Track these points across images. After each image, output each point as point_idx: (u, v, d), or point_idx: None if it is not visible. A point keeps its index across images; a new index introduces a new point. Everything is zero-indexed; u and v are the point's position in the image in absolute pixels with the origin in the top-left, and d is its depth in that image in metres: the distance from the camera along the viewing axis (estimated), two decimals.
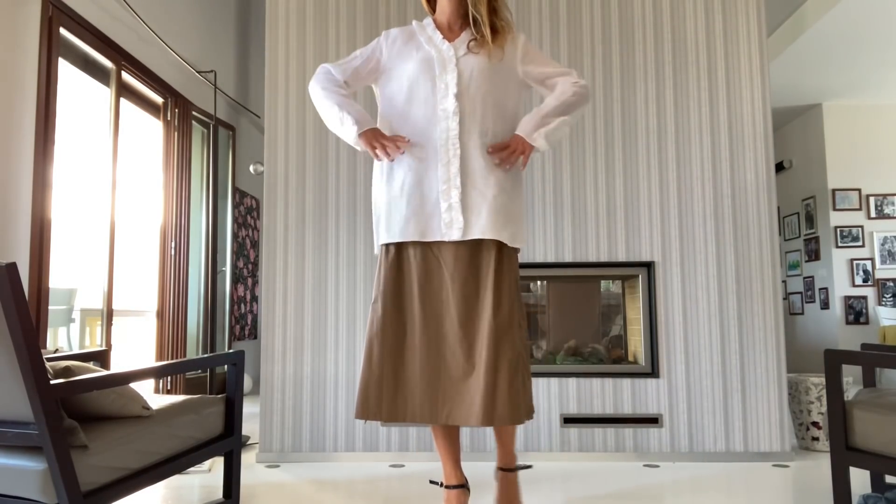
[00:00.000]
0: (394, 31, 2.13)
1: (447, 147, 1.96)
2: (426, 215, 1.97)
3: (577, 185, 3.20)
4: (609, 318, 3.49)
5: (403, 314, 1.99)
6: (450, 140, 1.96)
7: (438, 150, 1.97)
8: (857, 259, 6.78)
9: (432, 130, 1.99)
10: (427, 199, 1.97)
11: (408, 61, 2.04)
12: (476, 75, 1.99)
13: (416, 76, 2.01)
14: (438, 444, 2.07)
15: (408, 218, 1.97)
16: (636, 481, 2.69)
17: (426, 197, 1.97)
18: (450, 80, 1.99)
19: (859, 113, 6.87)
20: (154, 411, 1.94)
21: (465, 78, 1.99)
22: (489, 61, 2.00)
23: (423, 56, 2.03)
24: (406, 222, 1.97)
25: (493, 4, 2.03)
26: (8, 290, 1.47)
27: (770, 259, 3.13)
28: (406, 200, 1.98)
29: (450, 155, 1.96)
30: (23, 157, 3.10)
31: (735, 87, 3.23)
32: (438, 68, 2.00)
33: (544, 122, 2.01)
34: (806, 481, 2.68)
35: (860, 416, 1.97)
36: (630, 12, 3.28)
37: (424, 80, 2.00)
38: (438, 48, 2.03)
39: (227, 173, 5.67)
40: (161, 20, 4.49)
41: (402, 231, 1.98)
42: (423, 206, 1.97)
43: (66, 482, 1.52)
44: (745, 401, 3.06)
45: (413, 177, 1.98)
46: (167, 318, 4.53)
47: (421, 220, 1.97)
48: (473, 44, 2.01)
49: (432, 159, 1.98)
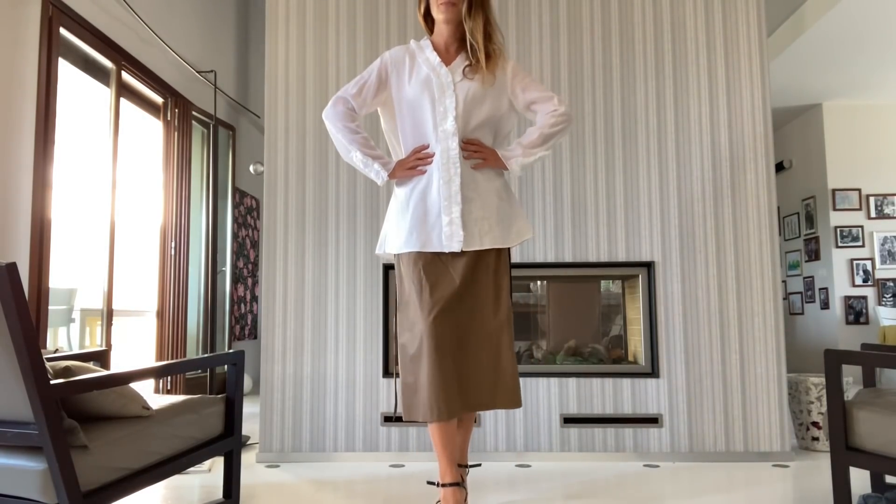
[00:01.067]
0: (394, 53, 2.24)
1: (448, 166, 2.11)
2: (428, 228, 2.11)
3: (577, 184, 3.20)
4: (609, 318, 3.49)
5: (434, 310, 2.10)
6: (451, 160, 2.11)
7: (440, 168, 2.11)
8: (857, 259, 6.77)
9: (433, 150, 2.14)
10: (430, 212, 2.11)
11: (409, 83, 2.17)
12: (471, 99, 2.14)
13: (417, 98, 2.15)
14: (437, 442, 2.09)
15: (410, 230, 2.11)
16: (636, 481, 2.69)
17: (429, 211, 2.11)
18: (448, 104, 2.12)
19: (859, 113, 6.87)
20: (154, 411, 1.94)
21: (462, 102, 2.13)
22: (482, 87, 2.15)
23: (423, 79, 2.15)
24: (409, 234, 2.11)
25: (488, 30, 2.16)
26: (8, 290, 1.47)
27: (770, 259, 3.13)
28: (411, 213, 2.13)
29: (451, 173, 2.11)
30: (23, 157, 3.10)
31: (735, 87, 3.23)
32: (438, 92, 2.14)
33: (525, 153, 2.18)
34: (806, 481, 2.68)
35: (860, 416, 1.97)
36: (630, 12, 3.28)
37: (425, 101, 2.14)
38: (437, 72, 2.16)
39: (227, 173, 5.67)
40: (161, 20, 4.49)
41: (406, 242, 2.12)
42: (425, 220, 2.11)
43: (66, 482, 1.53)
44: (745, 401, 3.06)
45: (418, 193, 2.13)
46: (167, 318, 4.53)
47: (423, 232, 2.10)
48: (468, 69, 2.15)
49: (434, 176, 2.12)
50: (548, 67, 3.26)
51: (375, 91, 2.21)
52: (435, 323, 2.02)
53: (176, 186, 4.66)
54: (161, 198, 4.59)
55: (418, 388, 2.02)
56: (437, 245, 2.09)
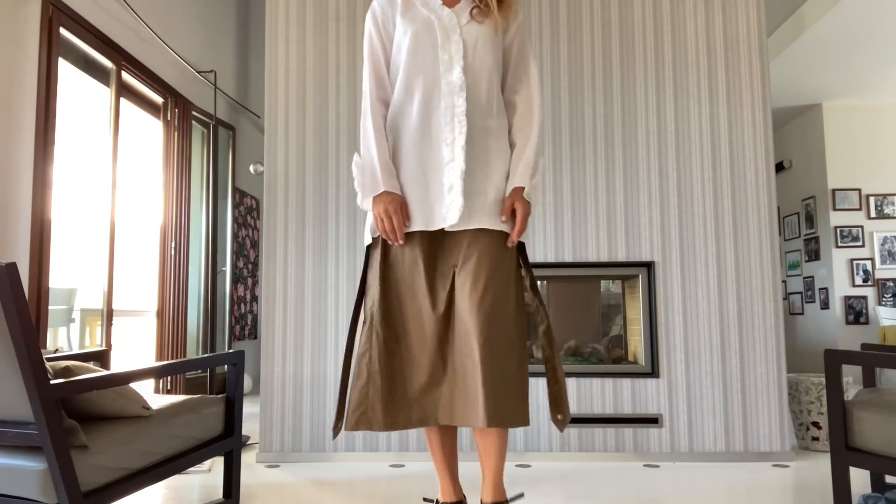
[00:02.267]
0: (381, 2, 1.89)
1: (452, 125, 1.75)
2: (430, 201, 1.76)
3: (577, 184, 3.20)
4: (609, 318, 3.49)
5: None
6: (456, 117, 1.74)
7: (443, 129, 1.76)
8: (857, 259, 6.77)
9: (434, 107, 1.77)
10: (432, 183, 1.76)
11: (406, 30, 1.81)
12: (480, 47, 1.79)
13: (415, 45, 1.79)
14: (436, 457, 1.87)
15: (413, 207, 1.76)
16: (636, 481, 2.69)
17: (430, 182, 1.76)
18: (454, 50, 1.77)
19: (859, 113, 6.87)
20: (154, 411, 1.94)
21: (470, 49, 1.78)
22: (495, 32, 1.81)
23: (422, 22, 1.80)
24: (412, 212, 1.76)
25: None
26: (8, 290, 1.47)
27: (770, 259, 3.14)
28: (408, 188, 1.77)
29: (455, 133, 1.74)
30: (23, 157, 3.10)
31: (735, 87, 3.23)
32: (441, 36, 1.78)
33: (533, 179, 1.82)
34: (806, 481, 2.68)
35: (860, 416, 1.97)
36: (630, 12, 3.28)
37: (425, 49, 1.78)
38: (438, 14, 1.80)
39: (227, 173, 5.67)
40: (161, 20, 4.49)
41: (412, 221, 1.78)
42: (427, 192, 1.76)
43: (66, 482, 1.52)
44: (745, 401, 3.06)
45: (414, 161, 1.78)
46: (167, 318, 4.53)
47: (426, 207, 1.76)
48: (477, 11, 1.80)
49: (435, 139, 1.77)
50: (548, 68, 3.26)
51: (389, 57, 1.87)
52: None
53: (176, 186, 4.66)
54: (161, 198, 4.59)
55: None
56: (440, 220, 1.77)
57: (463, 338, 1.69)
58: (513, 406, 1.65)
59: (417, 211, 1.76)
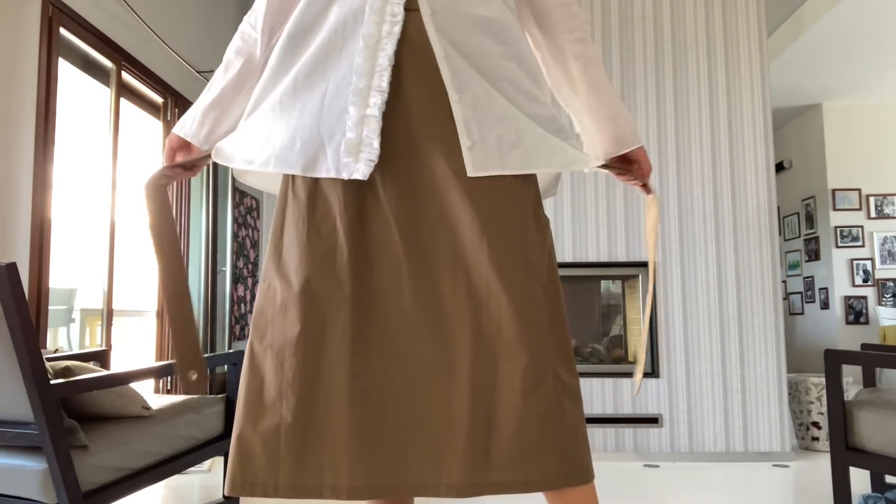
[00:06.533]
0: None
1: (382, 14, 1.00)
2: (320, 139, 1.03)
3: (577, 185, 3.20)
4: (609, 318, 3.49)
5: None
6: (389, 3, 0.99)
7: (357, 26, 1.01)
8: (857, 259, 6.77)
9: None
10: (329, 109, 1.02)
11: None
12: None
13: None
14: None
15: (289, 144, 1.08)
16: (636, 481, 2.69)
17: (327, 106, 1.02)
18: None
19: (859, 113, 6.87)
20: (154, 411, 1.94)
21: None
22: None
23: None
24: (286, 150, 1.09)
25: None
26: (8, 290, 1.47)
27: (770, 259, 3.13)
28: (289, 113, 1.07)
29: (381, 32, 0.99)
30: (23, 157, 3.10)
31: (735, 87, 3.23)
32: None
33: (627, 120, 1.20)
34: (806, 481, 2.68)
35: (860, 416, 1.97)
36: (630, 12, 3.28)
37: None
38: None
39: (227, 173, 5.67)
40: (161, 20, 4.49)
41: (277, 161, 1.14)
42: (317, 122, 1.03)
43: (66, 482, 1.52)
44: (745, 401, 3.06)
45: (307, 71, 1.05)
46: (167, 318, 4.53)
47: (308, 146, 1.05)
48: None
49: (346, 44, 1.02)
50: None
51: None
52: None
53: (176, 186, 4.66)
54: None
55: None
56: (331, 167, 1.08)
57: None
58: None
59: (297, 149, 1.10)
